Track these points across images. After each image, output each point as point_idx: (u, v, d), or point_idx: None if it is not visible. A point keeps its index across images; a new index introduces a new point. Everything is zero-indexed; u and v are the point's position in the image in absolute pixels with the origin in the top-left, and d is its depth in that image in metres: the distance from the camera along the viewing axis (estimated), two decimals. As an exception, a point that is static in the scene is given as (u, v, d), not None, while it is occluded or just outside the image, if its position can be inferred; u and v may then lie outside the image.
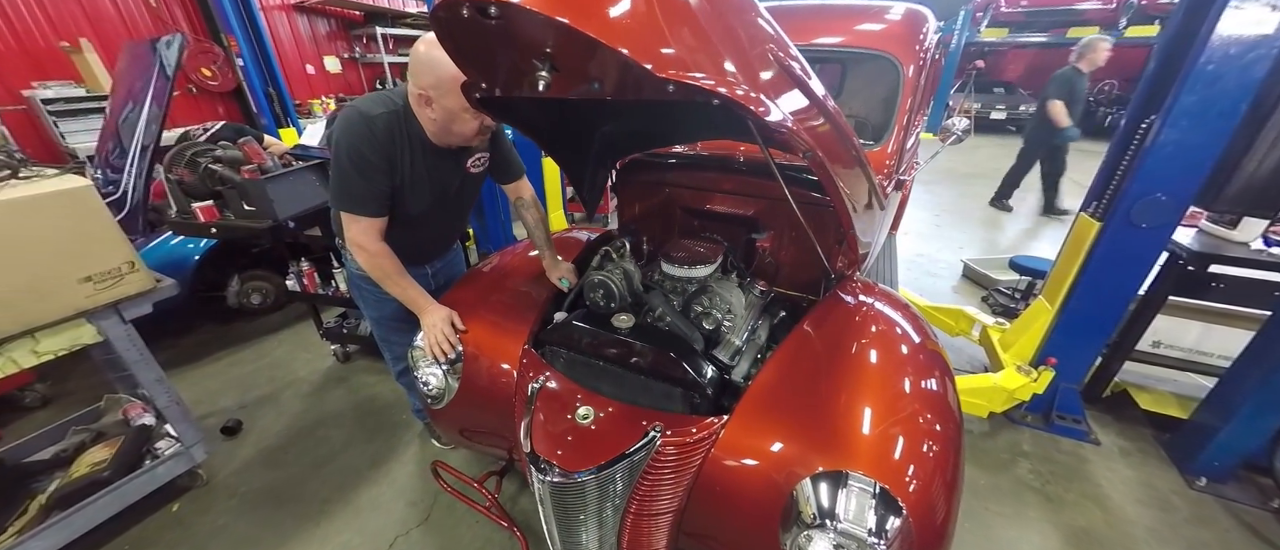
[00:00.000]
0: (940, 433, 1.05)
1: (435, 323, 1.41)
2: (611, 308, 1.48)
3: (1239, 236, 1.99)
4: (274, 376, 2.70)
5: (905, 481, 0.94)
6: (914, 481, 0.95)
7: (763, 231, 1.85)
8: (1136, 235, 1.86)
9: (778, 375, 1.20)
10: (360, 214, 1.32)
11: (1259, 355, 1.84)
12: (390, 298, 1.50)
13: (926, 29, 1.92)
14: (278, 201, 1.84)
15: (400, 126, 1.30)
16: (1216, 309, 2.11)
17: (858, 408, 1.07)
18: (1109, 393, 2.39)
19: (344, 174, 1.28)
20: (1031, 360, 2.27)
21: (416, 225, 1.51)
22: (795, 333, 1.33)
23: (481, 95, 0.93)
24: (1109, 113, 10.69)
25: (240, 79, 5.04)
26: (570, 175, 1.72)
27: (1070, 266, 2.09)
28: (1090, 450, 2.19)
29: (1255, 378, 1.83)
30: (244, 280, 3.13)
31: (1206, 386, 2.29)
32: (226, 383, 2.67)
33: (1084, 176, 7.53)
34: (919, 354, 1.30)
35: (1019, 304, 3.30)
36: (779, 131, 0.81)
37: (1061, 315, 2.13)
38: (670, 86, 0.68)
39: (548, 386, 1.28)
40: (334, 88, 6.54)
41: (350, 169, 1.27)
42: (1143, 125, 1.84)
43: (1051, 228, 5.24)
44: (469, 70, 0.88)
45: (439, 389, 1.49)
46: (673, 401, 1.21)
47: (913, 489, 0.93)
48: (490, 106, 1.05)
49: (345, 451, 2.18)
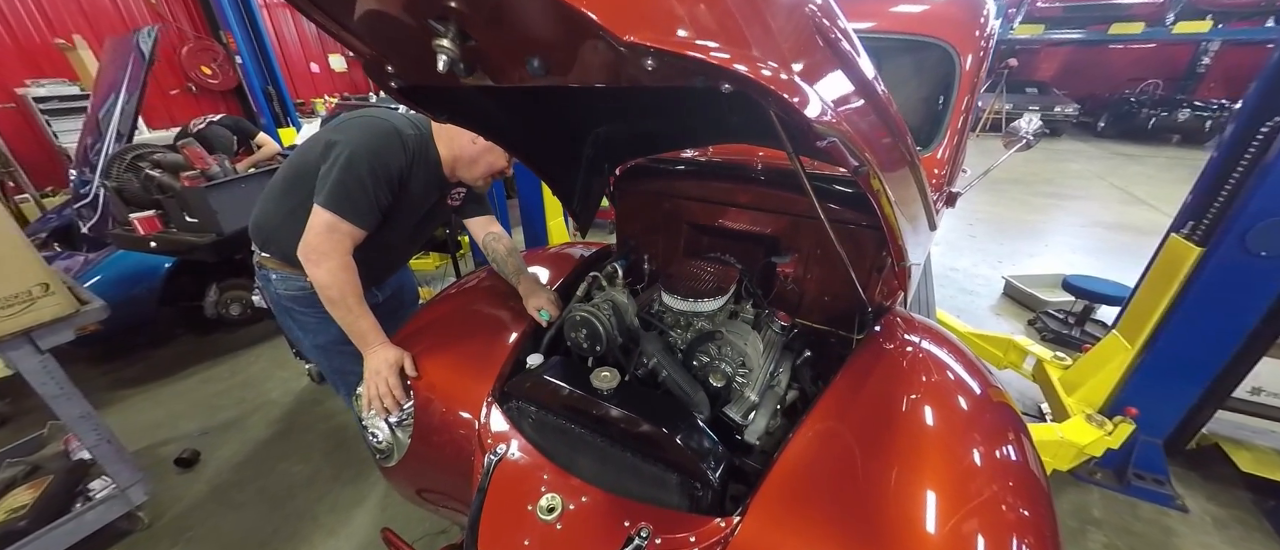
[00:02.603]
0: (1030, 519, 0.79)
1: (379, 369, 1.15)
2: (597, 352, 1.19)
3: (1377, 266, 1.61)
4: (244, 398, 2.49)
5: None
6: None
7: (785, 254, 1.54)
8: (1252, 265, 1.50)
9: (808, 451, 0.91)
10: (353, 222, 1.17)
11: None
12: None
13: (987, 12, 1.59)
14: (223, 213, 1.62)
15: (422, 153, 1.26)
16: (1343, 354, 1.73)
17: (917, 493, 0.81)
18: (1194, 446, 2.02)
19: (356, 179, 1.16)
20: (1103, 407, 1.91)
21: (382, 248, 1.35)
22: (831, 390, 1.03)
23: (397, 84, 0.66)
24: (1153, 115, 10.02)
25: (240, 77, 4.90)
26: (555, 187, 1.45)
27: (1159, 298, 1.73)
28: (1177, 519, 1.82)
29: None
30: (222, 290, 2.93)
31: (1320, 443, 1.91)
32: (194, 403, 2.47)
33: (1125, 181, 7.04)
34: (985, 409, 1.02)
35: (1073, 330, 2.93)
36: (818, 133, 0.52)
37: (1146, 355, 1.78)
38: (647, 61, 0.39)
39: (509, 459, 1.00)
40: (339, 86, 6.41)
41: (366, 176, 1.16)
42: (1262, 130, 1.49)
43: (1094, 240, 4.78)
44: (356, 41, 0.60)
45: (387, 444, 1.23)
46: (667, 492, 0.92)
47: None
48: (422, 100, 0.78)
49: (307, 489, 1.94)
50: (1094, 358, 2.02)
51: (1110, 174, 7.44)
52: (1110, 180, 7.06)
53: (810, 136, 0.53)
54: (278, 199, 1.29)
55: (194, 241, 1.67)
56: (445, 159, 1.29)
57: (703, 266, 1.43)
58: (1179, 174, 7.48)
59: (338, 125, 1.22)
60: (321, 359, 1.48)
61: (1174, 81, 11.38)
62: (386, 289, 1.61)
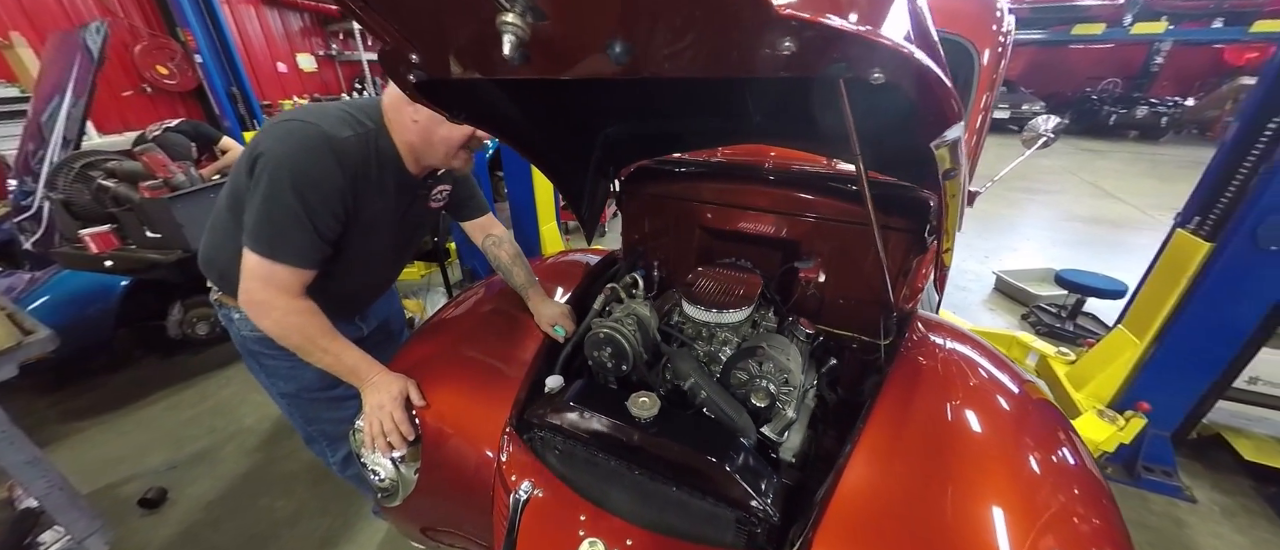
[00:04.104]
0: (1103, 528, 0.76)
1: (382, 403, 1.02)
2: (623, 371, 1.10)
3: (1371, 257, 1.65)
4: (216, 426, 2.29)
5: None
6: None
7: (808, 259, 1.48)
8: (1262, 259, 1.51)
9: (866, 475, 0.84)
10: (290, 263, 0.95)
11: None
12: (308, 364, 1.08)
13: (1002, 7, 1.56)
14: (190, 226, 1.45)
15: (370, 150, 1.01)
16: (1340, 343, 1.78)
17: (987, 514, 0.76)
18: (1196, 436, 2.05)
19: (283, 211, 0.91)
20: (1112, 402, 1.92)
21: (355, 272, 1.15)
22: (879, 406, 0.97)
23: (418, 78, 0.55)
24: (1113, 112, 10.49)
25: (200, 77, 4.60)
26: (565, 190, 1.35)
27: (1168, 293, 1.75)
28: (1186, 510, 1.84)
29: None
30: (188, 308, 2.70)
31: (1315, 430, 1.96)
32: (158, 434, 2.25)
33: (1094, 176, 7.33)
34: (1030, 409, 0.99)
35: (1066, 324, 2.98)
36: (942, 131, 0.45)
37: (1156, 350, 1.78)
38: (789, 42, 0.31)
39: (537, 499, 0.90)
40: (309, 87, 6.10)
41: (296, 207, 0.92)
42: (1269, 127, 1.50)
43: (1073, 233, 4.93)
44: (387, 30, 0.49)
45: (391, 481, 1.11)
46: (721, 529, 0.84)
47: None
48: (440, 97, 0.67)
49: (291, 528, 1.78)
50: (1100, 353, 2.03)
51: (1079, 169, 7.73)
52: (1080, 175, 7.33)
53: (936, 132, 0.46)
54: (225, 227, 1.05)
55: (157, 259, 1.49)
56: (403, 152, 1.06)
57: (724, 274, 1.35)
58: (1142, 168, 7.83)
59: (263, 132, 0.98)
60: (292, 410, 1.28)
61: (1131, 80, 11.96)
62: (371, 318, 1.40)
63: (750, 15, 0.30)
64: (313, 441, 1.36)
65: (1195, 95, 10.72)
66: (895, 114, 0.66)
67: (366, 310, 1.36)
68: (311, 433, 1.33)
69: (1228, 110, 9.55)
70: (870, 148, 0.73)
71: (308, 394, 1.24)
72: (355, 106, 1.02)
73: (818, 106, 1.02)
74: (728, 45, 0.36)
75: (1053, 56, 12.77)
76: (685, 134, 1.52)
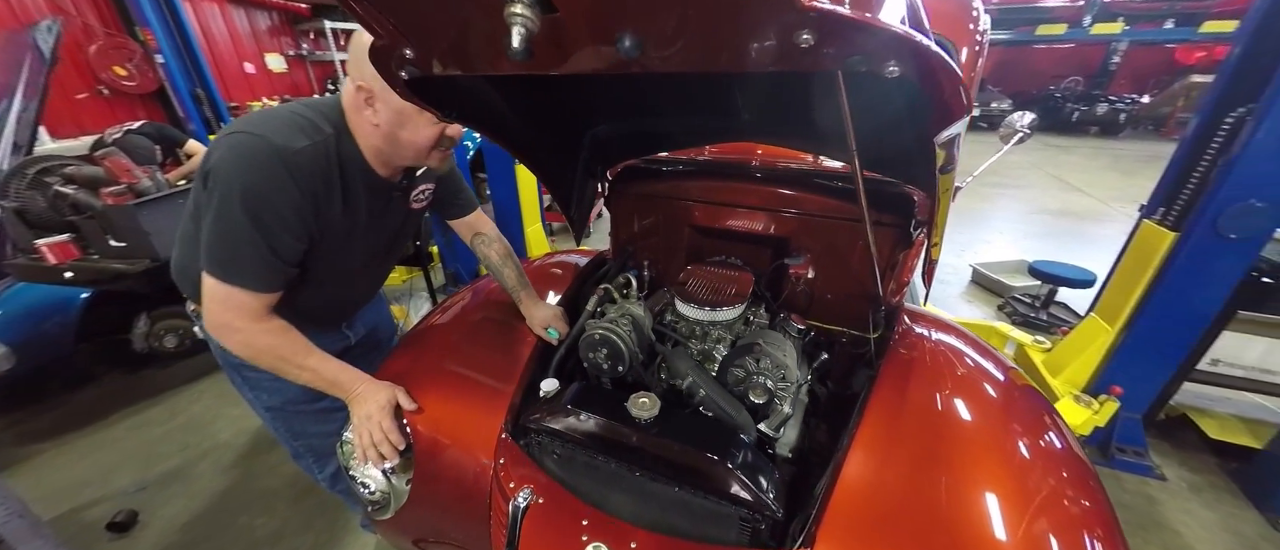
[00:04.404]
0: (1092, 509, 0.79)
1: (370, 414, 0.99)
2: (619, 372, 1.09)
3: (1318, 243, 1.76)
4: (188, 443, 2.19)
5: None
6: None
7: (798, 255, 1.49)
8: (1223, 247, 1.59)
9: (865, 468, 0.85)
10: (249, 287, 0.89)
11: (1359, 380, 1.60)
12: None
13: (978, 6, 1.61)
14: (158, 234, 1.37)
15: (331, 158, 0.92)
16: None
17: (983, 500, 0.78)
18: (1164, 417, 2.15)
19: (235, 233, 0.85)
20: (1086, 387, 2.00)
21: (331, 284, 1.10)
22: (874, 399, 0.98)
23: (409, 74, 0.53)
24: (1075, 109, 10.94)
25: (162, 78, 4.39)
26: (555, 191, 1.33)
27: (1136, 281, 1.82)
28: (1157, 488, 1.93)
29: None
30: (155, 320, 2.57)
31: (1270, 408, 2.07)
32: (126, 454, 2.14)
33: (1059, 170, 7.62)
34: (1017, 396, 1.02)
35: (1040, 313, 3.08)
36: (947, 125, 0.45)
37: (1127, 336, 1.86)
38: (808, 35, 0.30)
39: (537, 505, 0.88)
40: (278, 88, 5.90)
41: (248, 228, 0.84)
42: (1226, 122, 1.58)
43: (1042, 225, 5.11)
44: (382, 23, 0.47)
45: (381, 493, 1.07)
46: (725, 528, 0.83)
47: None
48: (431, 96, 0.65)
49: (273, 547, 1.71)
50: (1075, 340, 2.11)
51: (1045, 164, 8.03)
52: (1046, 170, 7.62)
53: (942, 127, 0.46)
54: (192, 238, 0.98)
55: (123, 269, 1.40)
56: (368, 155, 0.97)
57: (716, 273, 1.35)
58: (1104, 162, 8.18)
59: (213, 144, 0.89)
60: (277, 425, 1.22)
61: (1091, 78, 12.49)
62: (359, 327, 1.34)
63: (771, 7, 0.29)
64: (299, 457, 1.29)
65: (1150, 93, 11.26)
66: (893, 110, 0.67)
67: (353, 319, 1.31)
68: (298, 448, 1.27)
69: (1180, 107, 10.06)
70: (862, 145, 0.74)
71: (293, 407, 1.18)
72: (312, 108, 0.93)
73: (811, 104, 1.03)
74: (743, 38, 0.35)
75: (1019, 56, 13.25)
76: (674, 133, 1.52)
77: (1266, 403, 2.07)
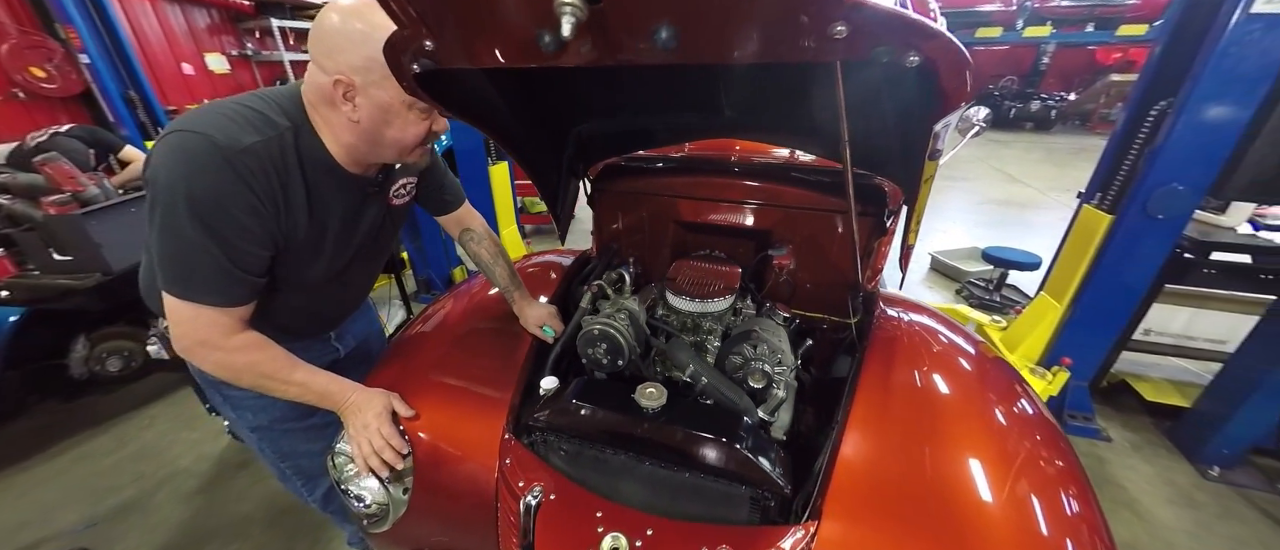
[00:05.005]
0: (1065, 468, 0.86)
1: (367, 422, 0.95)
2: (618, 366, 1.10)
3: (1227, 222, 1.99)
4: (142, 472, 2.02)
5: None
6: None
7: (781, 246, 1.55)
8: (1152, 226, 1.77)
9: (862, 443, 0.90)
10: (214, 302, 0.81)
11: (1266, 341, 1.81)
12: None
13: (935, 7, 1.71)
14: (109, 245, 1.26)
15: (288, 155, 0.82)
16: (1210, 294, 2.11)
17: (969, 466, 0.84)
18: (1106, 384, 2.36)
19: (186, 246, 0.76)
20: (1040, 360, 2.16)
21: (312, 292, 1.03)
22: (864, 379, 1.03)
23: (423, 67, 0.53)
24: (1012, 106, 11.75)
25: (88, 80, 4.03)
26: (544, 189, 1.33)
27: (1079, 260, 1.99)
28: (1104, 449, 2.11)
29: (1262, 364, 1.80)
30: (96, 342, 2.36)
31: (1193, 371, 2.31)
32: (70, 489, 1.96)
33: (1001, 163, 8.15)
34: (989, 367, 1.11)
35: (994, 295, 3.31)
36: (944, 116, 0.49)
37: (1073, 311, 2.03)
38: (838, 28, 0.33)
39: (549, 502, 0.88)
40: (221, 90, 5.52)
41: (200, 239, 0.75)
42: (1150, 115, 1.75)
43: (989, 214, 5.48)
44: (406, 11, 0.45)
45: (378, 506, 1.04)
46: (736, 508, 0.86)
47: None
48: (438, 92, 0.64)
49: (250, 573, 1.61)
50: (1028, 317, 2.28)
51: (988, 158, 8.59)
52: (989, 163, 8.15)
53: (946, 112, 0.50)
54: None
55: (71, 285, 1.27)
56: (336, 152, 0.88)
57: (704, 266, 1.39)
58: (1039, 154, 8.84)
59: (154, 147, 0.79)
60: (262, 445, 1.14)
61: (1025, 78, 13.44)
62: (348, 339, 1.27)
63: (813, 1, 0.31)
64: (287, 479, 1.20)
65: (1076, 90, 12.25)
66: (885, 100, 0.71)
67: (341, 329, 1.23)
68: (285, 470, 1.18)
69: (1102, 103, 11.00)
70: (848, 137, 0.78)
71: (279, 426, 1.11)
72: (263, 100, 0.83)
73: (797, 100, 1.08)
74: (781, 30, 0.37)
75: (960, 57, 14.03)
76: (657, 130, 1.54)
77: (1190, 366, 2.31)
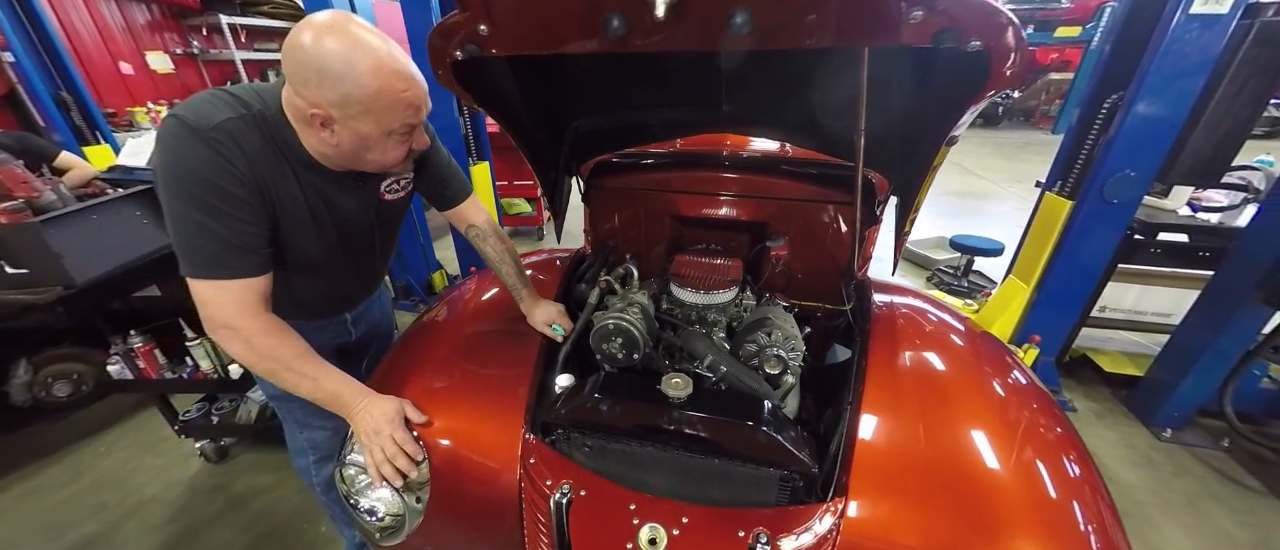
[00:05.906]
0: (1063, 435, 0.91)
1: (379, 428, 0.92)
2: (633, 360, 1.10)
3: (1170, 204, 2.17)
4: (104, 503, 1.87)
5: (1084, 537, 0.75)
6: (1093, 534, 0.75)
7: (777, 238, 1.59)
8: (1109, 210, 1.91)
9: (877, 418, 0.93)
10: (226, 278, 0.83)
11: (1205, 313, 1.99)
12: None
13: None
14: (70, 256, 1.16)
15: (266, 135, 0.84)
16: (1156, 272, 2.29)
17: (976, 436, 0.88)
18: (1068, 359, 2.53)
19: (186, 224, 0.80)
20: (1011, 339, 2.30)
21: (320, 270, 1.04)
22: (872, 360, 1.07)
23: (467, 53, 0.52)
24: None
25: (12, 81, 3.68)
26: (546, 183, 1.32)
27: (1043, 244, 2.13)
28: (1071, 418, 2.26)
29: (1204, 334, 1.97)
30: (38, 366, 2.15)
31: (1143, 343, 2.51)
32: (22, 526, 1.79)
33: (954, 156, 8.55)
34: (980, 341, 1.16)
35: (962, 281, 3.49)
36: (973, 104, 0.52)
37: (1040, 292, 2.17)
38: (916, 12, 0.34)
39: (580, 499, 0.87)
40: (164, 92, 5.16)
41: (195, 213, 0.79)
42: (1104, 106, 1.89)
43: (949, 205, 5.77)
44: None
45: (393, 517, 1.00)
46: (764, 490, 0.88)
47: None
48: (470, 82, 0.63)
49: (237, 601, 1.52)
50: (998, 300, 2.42)
51: (945, 151, 9.06)
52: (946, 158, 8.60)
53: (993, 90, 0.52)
54: None
55: (30, 300, 1.15)
56: (318, 157, 0.88)
57: (705, 260, 1.41)
58: (990, 148, 9.36)
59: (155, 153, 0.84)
60: (286, 414, 1.20)
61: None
62: (362, 324, 1.29)
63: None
64: (300, 454, 1.23)
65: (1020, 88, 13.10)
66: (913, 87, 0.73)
67: (357, 311, 1.26)
68: (301, 442, 1.23)
69: (1043, 100, 11.80)
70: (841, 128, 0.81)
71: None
72: (244, 89, 0.85)
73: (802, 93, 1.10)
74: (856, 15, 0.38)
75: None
76: (653, 125, 1.55)
77: (1140, 339, 2.51)
